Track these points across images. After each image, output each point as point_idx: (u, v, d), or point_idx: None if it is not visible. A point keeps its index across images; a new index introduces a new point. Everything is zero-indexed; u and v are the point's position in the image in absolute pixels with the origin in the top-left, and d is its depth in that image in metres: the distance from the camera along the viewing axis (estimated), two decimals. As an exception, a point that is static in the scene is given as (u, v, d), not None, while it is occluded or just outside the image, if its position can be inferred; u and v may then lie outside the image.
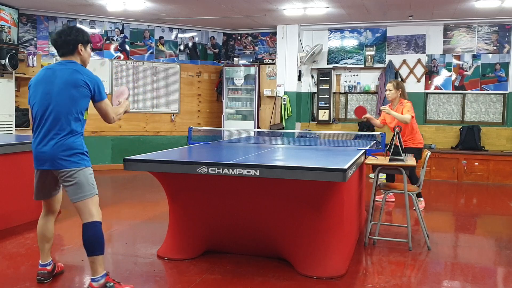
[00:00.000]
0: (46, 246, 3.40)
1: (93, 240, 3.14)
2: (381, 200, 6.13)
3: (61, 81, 3.12)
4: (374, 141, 5.36)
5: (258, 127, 9.45)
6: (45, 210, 3.41)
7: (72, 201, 3.17)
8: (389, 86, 5.93)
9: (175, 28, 9.74)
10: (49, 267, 3.41)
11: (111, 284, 3.18)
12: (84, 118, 3.22)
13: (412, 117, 5.73)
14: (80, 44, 3.22)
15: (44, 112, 3.12)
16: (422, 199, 6.04)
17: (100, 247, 3.16)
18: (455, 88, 8.95)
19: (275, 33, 9.72)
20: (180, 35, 9.84)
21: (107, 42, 9.17)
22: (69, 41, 3.19)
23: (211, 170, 3.35)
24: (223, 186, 3.69)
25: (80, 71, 3.16)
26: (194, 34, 9.98)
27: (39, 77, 3.22)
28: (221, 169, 3.33)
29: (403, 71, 9.07)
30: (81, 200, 3.13)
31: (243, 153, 4.40)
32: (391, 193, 6.33)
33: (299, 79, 9.59)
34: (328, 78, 9.49)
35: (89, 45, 3.32)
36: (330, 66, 9.53)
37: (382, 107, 5.84)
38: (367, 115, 5.92)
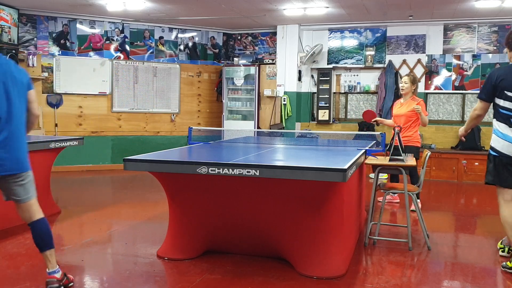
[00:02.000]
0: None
1: (48, 234, 3.14)
2: (387, 200, 6.15)
3: (11, 77, 3.00)
4: (374, 141, 5.36)
5: (258, 127, 9.45)
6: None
7: (22, 201, 3.08)
8: (406, 79, 5.90)
9: (175, 28, 9.74)
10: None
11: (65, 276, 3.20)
12: None
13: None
14: None
15: (6, 114, 2.96)
16: (418, 199, 6.02)
17: (52, 240, 3.17)
18: (455, 88, 8.95)
19: (275, 33, 9.71)
20: (180, 35, 9.84)
21: (107, 42, 9.17)
22: None
23: (211, 170, 3.35)
24: (223, 186, 3.69)
25: (14, 64, 3.13)
26: (194, 34, 9.98)
27: None
28: (221, 169, 3.33)
29: (403, 71, 9.06)
30: (31, 199, 3.12)
31: (243, 153, 4.40)
32: (395, 194, 6.32)
33: (299, 79, 9.58)
34: (328, 78, 9.49)
35: None
36: (330, 66, 9.53)
37: (415, 106, 5.73)
38: (377, 118, 6.05)
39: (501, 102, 3.69)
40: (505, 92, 3.65)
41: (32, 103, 3.20)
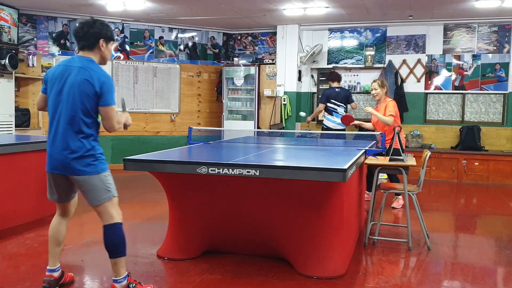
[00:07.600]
0: (56, 250, 3.23)
1: (116, 242, 3.03)
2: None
3: (71, 80, 2.92)
4: (374, 141, 5.36)
5: (258, 127, 9.45)
6: (60, 212, 3.24)
7: (91, 205, 3.04)
8: (374, 85, 5.88)
9: (175, 28, 9.74)
10: (56, 274, 3.21)
11: (134, 285, 3.11)
12: (98, 119, 3.02)
13: (393, 116, 5.67)
14: (102, 40, 3.00)
15: (54, 113, 2.97)
16: (400, 196, 6.03)
17: (122, 248, 3.05)
18: (455, 88, 8.95)
19: (275, 33, 9.71)
20: (180, 35, 9.84)
21: (107, 42, 9.16)
22: (91, 34, 2.97)
23: (211, 170, 3.35)
24: (223, 186, 3.69)
25: (89, 69, 2.93)
26: (194, 34, 9.98)
27: (55, 73, 3.01)
28: (221, 169, 3.33)
29: (403, 71, 9.07)
30: (99, 204, 3.01)
31: (243, 153, 4.40)
32: (399, 197, 6.23)
33: (299, 79, 9.58)
34: (328, 78, 9.48)
35: (111, 42, 3.08)
36: (330, 66, 9.53)
37: (365, 108, 5.79)
38: (355, 122, 6.08)
39: (329, 104, 7.48)
40: (331, 100, 7.47)
41: (104, 122, 3.03)
